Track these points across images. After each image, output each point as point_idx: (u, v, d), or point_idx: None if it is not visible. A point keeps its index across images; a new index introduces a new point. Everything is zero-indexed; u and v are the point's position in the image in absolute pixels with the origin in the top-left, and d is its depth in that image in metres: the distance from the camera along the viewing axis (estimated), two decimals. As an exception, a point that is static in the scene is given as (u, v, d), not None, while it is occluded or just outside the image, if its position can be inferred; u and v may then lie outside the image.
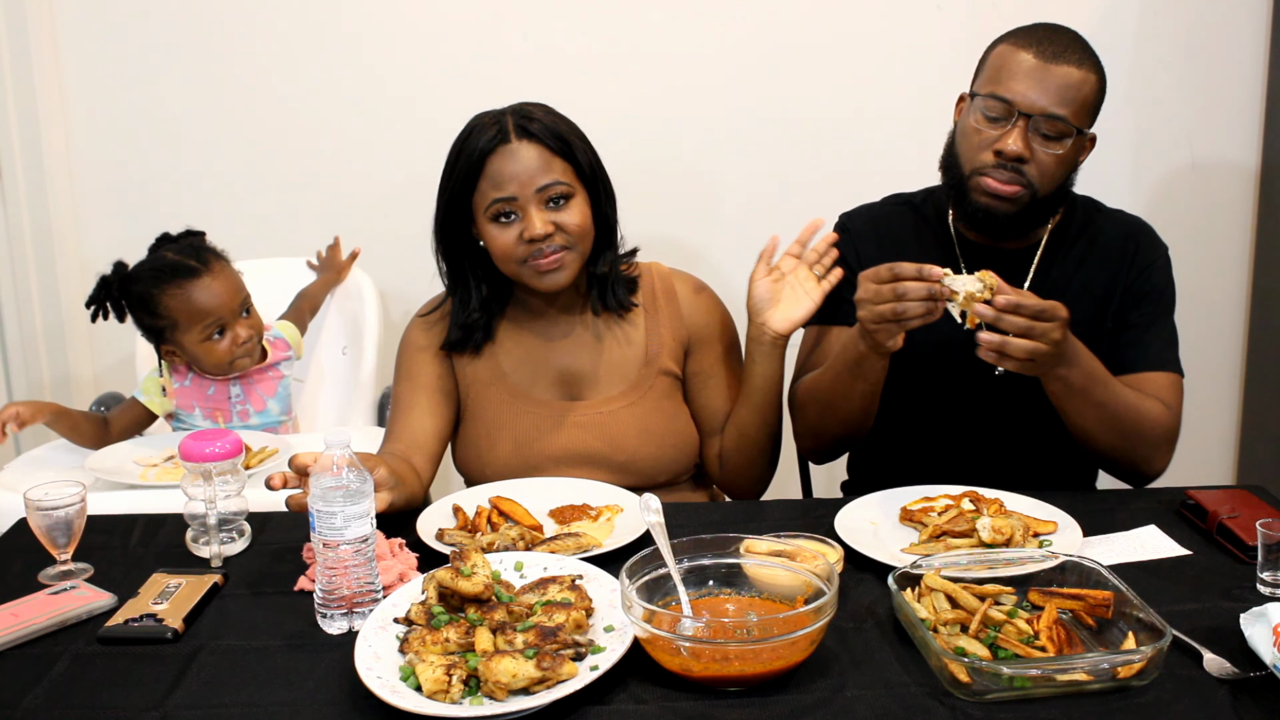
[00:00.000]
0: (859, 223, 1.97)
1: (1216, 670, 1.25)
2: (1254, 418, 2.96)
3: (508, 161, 1.74)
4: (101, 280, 2.24)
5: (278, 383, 2.37)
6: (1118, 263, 1.86)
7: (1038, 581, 1.39)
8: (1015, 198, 1.75)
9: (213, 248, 2.28)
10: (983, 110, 1.74)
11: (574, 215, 1.77)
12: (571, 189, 1.77)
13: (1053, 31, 1.75)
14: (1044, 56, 1.70)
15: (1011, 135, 1.71)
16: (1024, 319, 1.53)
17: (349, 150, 2.85)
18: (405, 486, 1.67)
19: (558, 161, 1.77)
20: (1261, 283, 2.90)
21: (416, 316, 1.95)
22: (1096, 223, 1.90)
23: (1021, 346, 1.54)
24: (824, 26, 2.79)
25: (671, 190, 2.86)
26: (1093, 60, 1.74)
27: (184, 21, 2.78)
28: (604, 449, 1.86)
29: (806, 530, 1.48)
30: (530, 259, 1.77)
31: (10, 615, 1.40)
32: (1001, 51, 1.76)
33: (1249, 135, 2.85)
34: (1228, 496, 1.64)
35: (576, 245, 1.79)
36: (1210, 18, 2.79)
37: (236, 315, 2.24)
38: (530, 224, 1.74)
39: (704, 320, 1.94)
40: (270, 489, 1.50)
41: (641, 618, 1.25)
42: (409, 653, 1.26)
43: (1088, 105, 1.73)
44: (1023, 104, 1.70)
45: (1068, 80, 1.70)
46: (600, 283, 1.89)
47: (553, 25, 2.77)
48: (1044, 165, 1.73)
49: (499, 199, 1.75)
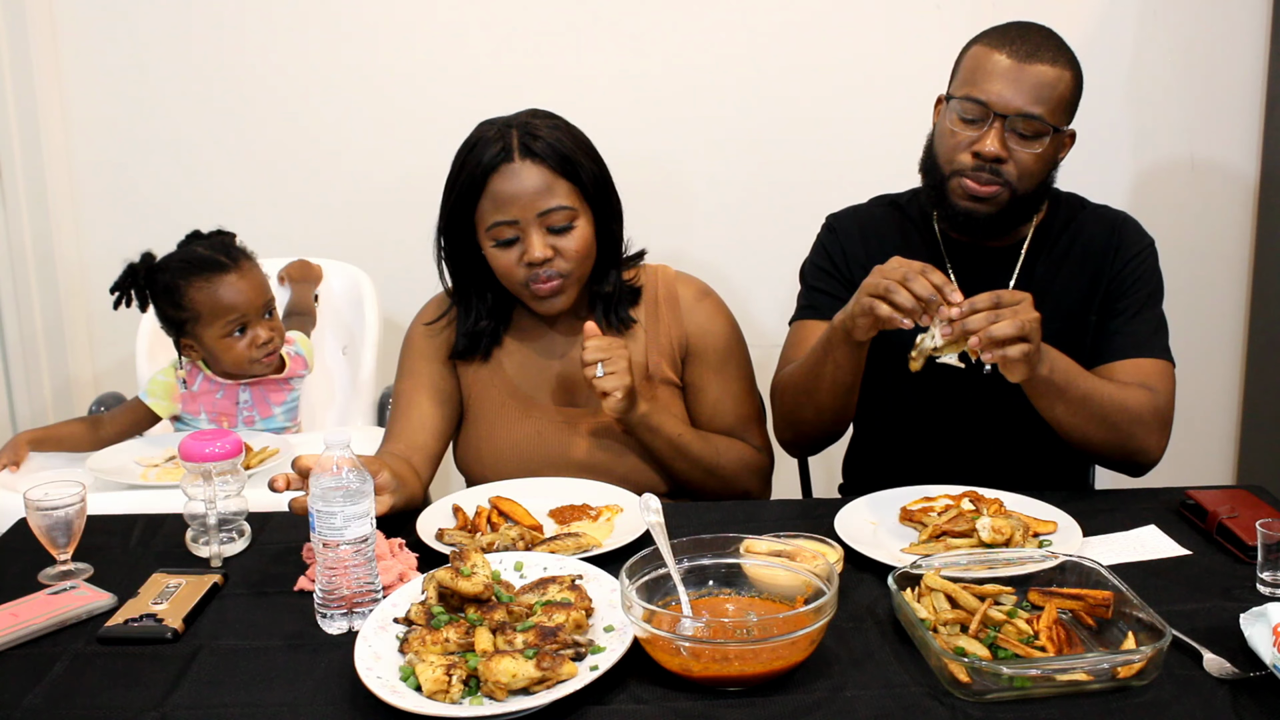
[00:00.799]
0: (846, 223, 1.98)
1: (1216, 670, 1.25)
2: (1254, 418, 2.96)
3: (510, 182, 1.72)
4: (129, 267, 2.24)
5: (288, 393, 2.38)
6: (1101, 256, 1.87)
7: (1038, 581, 1.38)
8: (994, 198, 1.76)
9: (243, 247, 2.29)
10: (959, 112, 1.75)
11: (574, 241, 1.75)
12: (574, 212, 1.75)
13: (1025, 30, 1.75)
14: (1017, 56, 1.71)
15: (989, 136, 1.72)
16: (985, 309, 1.53)
17: (349, 150, 2.85)
18: (406, 488, 1.67)
19: (561, 184, 1.74)
20: (1261, 282, 2.90)
21: (421, 322, 1.94)
22: (1080, 219, 1.90)
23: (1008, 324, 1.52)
24: (823, 27, 2.79)
25: (671, 191, 2.86)
26: (1067, 57, 1.74)
27: (184, 23, 2.78)
28: (604, 459, 1.86)
29: (806, 530, 1.48)
30: (530, 282, 1.76)
31: (10, 615, 1.40)
32: (975, 53, 1.76)
33: (1249, 135, 2.86)
34: (1228, 496, 1.64)
35: (575, 271, 1.77)
36: (1210, 18, 2.79)
37: (259, 316, 2.24)
38: (530, 248, 1.73)
39: (702, 329, 1.90)
40: (274, 491, 1.50)
41: (641, 618, 1.25)
42: (409, 653, 1.26)
43: (1064, 103, 1.74)
44: (998, 105, 1.71)
45: (1042, 79, 1.70)
46: (604, 301, 1.87)
47: (552, 26, 2.77)
48: (1022, 164, 1.74)
49: (500, 222, 1.73)
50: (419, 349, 1.92)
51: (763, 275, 2.83)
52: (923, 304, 1.55)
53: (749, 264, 2.87)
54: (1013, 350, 1.53)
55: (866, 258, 1.92)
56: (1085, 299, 1.86)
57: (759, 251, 2.88)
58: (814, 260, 1.99)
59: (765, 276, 2.82)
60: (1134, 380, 1.79)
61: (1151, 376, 1.80)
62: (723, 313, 1.94)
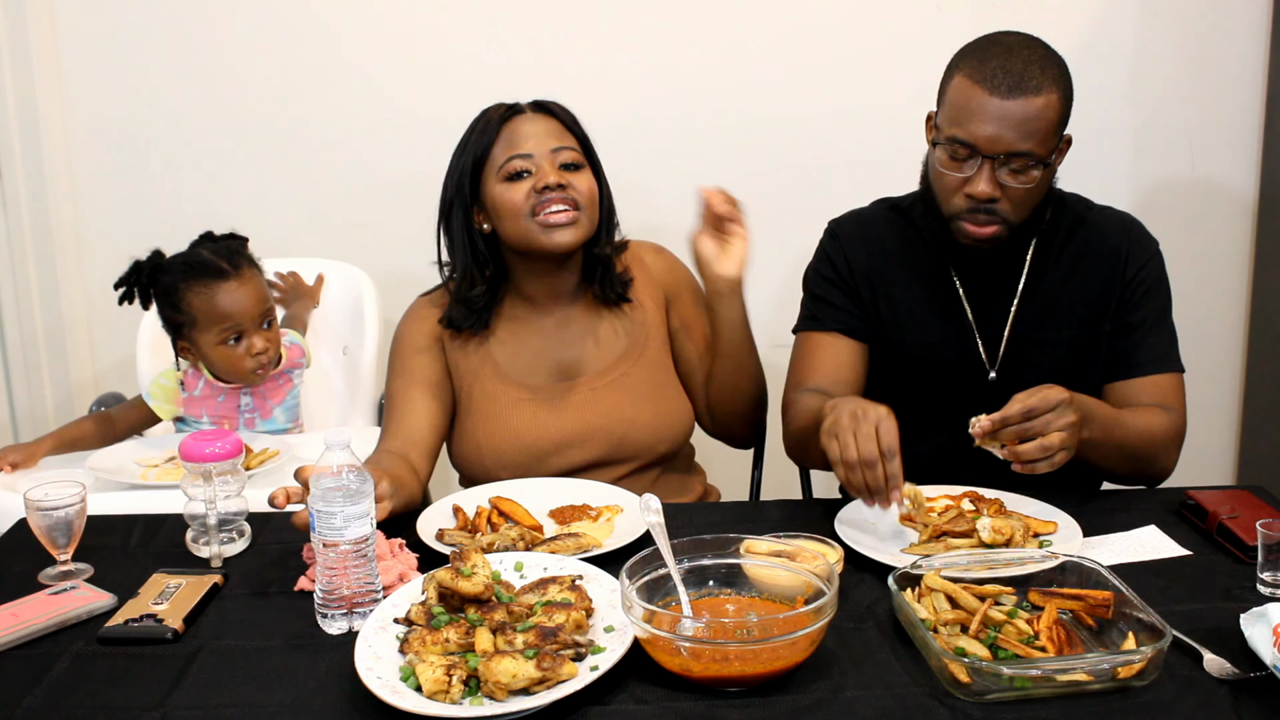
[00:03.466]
0: (848, 228, 1.97)
1: (1216, 670, 1.25)
2: (1254, 418, 2.96)
3: (524, 124, 1.84)
4: (135, 264, 2.25)
5: (287, 391, 2.37)
6: (1111, 264, 1.86)
7: (1038, 582, 1.39)
8: (995, 236, 1.74)
9: (249, 255, 2.28)
10: (948, 153, 1.71)
11: (585, 180, 1.85)
12: (582, 158, 1.85)
13: (1008, 57, 1.67)
14: (1000, 92, 1.65)
15: (980, 178, 1.69)
16: (1014, 427, 1.53)
17: (349, 151, 2.85)
18: (404, 490, 1.68)
19: (569, 135, 1.86)
20: (1261, 283, 2.90)
21: (410, 315, 1.97)
22: (1086, 223, 1.89)
23: (1036, 447, 1.52)
24: (822, 27, 2.78)
25: (669, 192, 2.85)
26: (1053, 75, 1.67)
27: (184, 23, 2.77)
28: (600, 423, 1.88)
29: (806, 530, 1.48)
30: (539, 211, 1.80)
31: (10, 615, 1.40)
32: (959, 86, 1.70)
33: (1249, 136, 2.85)
34: (1228, 496, 1.64)
35: (586, 208, 1.84)
36: (1210, 18, 2.78)
37: (256, 325, 2.24)
38: (544, 174, 1.80)
39: (670, 276, 2.02)
40: (274, 506, 1.50)
41: (641, 618, 1.25)
42: (409, 653, 1.26)
43: (1053, 127, 1.68)
44: (986, 147, 1.67)
45: (1028, 112, 1.65)
46: (601, 265, 1.92)
47: (551, 25, 2.77)
48: (1016, 199, 1.71)
49: (515, 155, 1.82)
50: (407, 343, 1.94)
51: (759, 274, 2.82)
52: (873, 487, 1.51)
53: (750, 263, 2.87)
54: (1042, 466, 1.54)
55: (869, 264, 1.92)
56: (1098, 308, 1.85)
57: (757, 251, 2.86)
58: (817, 267, 1.98)
59: (762, 276, 2.81)
60: (1154, 400, 1.81)
61: (1170, 394, 1.83)
62: (679, 259, 2.05)
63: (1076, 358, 1.86)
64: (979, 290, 1.88)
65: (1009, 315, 1.87)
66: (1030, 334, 1.86)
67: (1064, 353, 1.86)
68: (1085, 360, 1.86)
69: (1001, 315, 1.87)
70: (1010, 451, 1.55)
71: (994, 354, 1.88)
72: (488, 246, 1.89)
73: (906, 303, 1.90)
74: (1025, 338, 1.87)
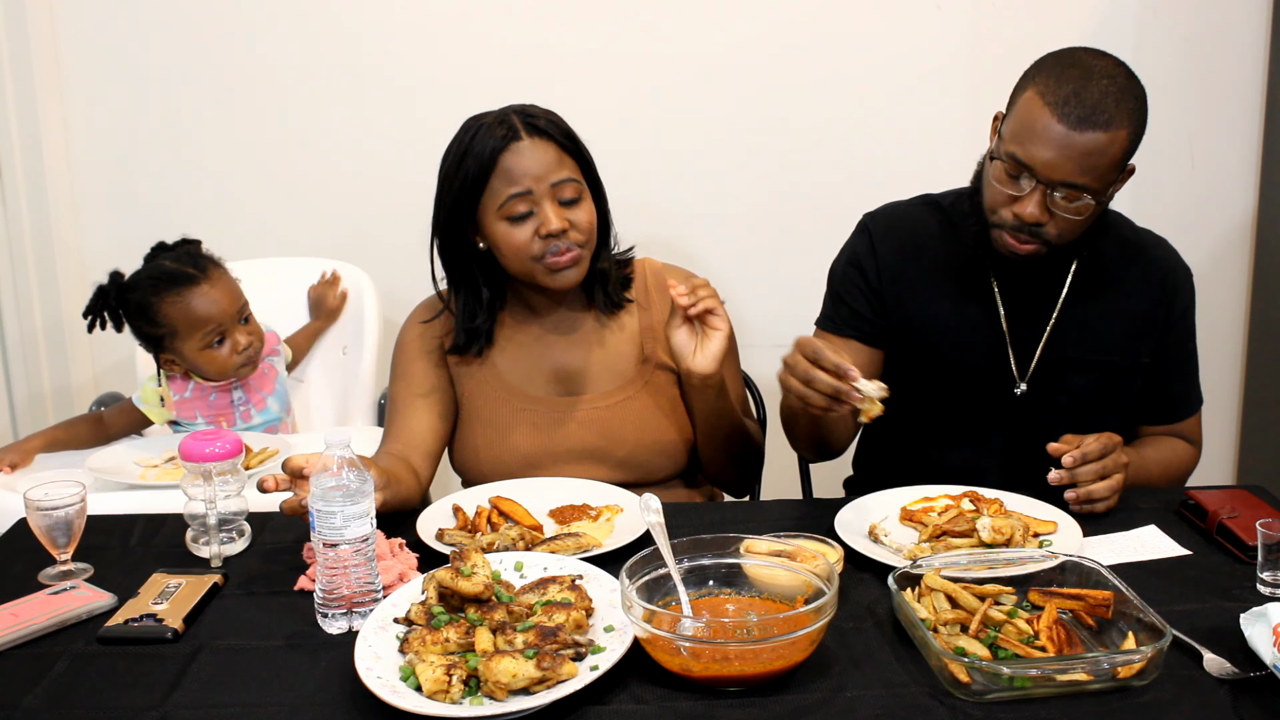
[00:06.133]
0: (882, 223, 1.91)
1: (1216, 670, 1.25)
2: (1254, 418, 2.96)
3: (521, 158, 1.75)
4: (99, 290, 2.22)
5: (274, 380, 2.38)
6: (1156, 297, 1.83)
7: (1038, 581, 1.39)
8: (1033, 255, 1.70)
9: (210, 255, 2.27)
10: (1005, 168, 1.66)
11: (585, 214, 1.79)
12: (581, 186, 1.79)
13: (1084, 82, 1.59)
14: (1068, 121, 1.57)
15: (1030, 200, 1.63)
16: (1095, 464, 1.61)
17: (349, 151, 2.85)
18: (400, 486, 1.67)
19: (567, 159, 1.79)
20: (1261, 283, 2.90)
21: (414, 322, 1.95)
22: (1132, 245, 1.85)
23: (1106, 487, 1.63)
24: (822, 26, 2.78)
25: (668, 192, 2.86)
26: (1128, 110, 1.60)
27: (183, 23, 2.77)
28: (603, 445, 1.86)
29: (806, 530, 1.48)
30: (546, 256, 1.77)
31: (10, 615, 1.40)
32: (1029, 103, 1.62)
33: (1249, 135, 2.85)
34: (1228, 496, 1.64)
35: (588, 244, 1.80)
36: (1210, 18, 2.79)
37: (236, 322, 2.24)
38: (546, 219, 1.75)
39: None
40: (263, 491, 1.50)
41: (641, 618, 1.25)
42: (409, 653, 1.26)
43: (1115, 163, 1.62)
44: (1042, 174, 1.61)
45: (1092, 147, 1.58)
46: (601, 279, 1.89)
47: (551, 25, 2.77)
48: (1064, 225, 1.66)
49: (515, 194, 1.75)
50: (411, 349, 1.93)
51: (764, 275, 2.83)
52: (833, 394, 1.52)
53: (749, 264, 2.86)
54: (1101, 507, 1.64)
55: (901, 264, 1.86)
56: (1138, 336, 1.83)
57: (759, 251, 2.87)
58: (843, 263, 1.93)
59: (766, 277, 2.82)
60: (1185, 433, 1.89)
61: (1194, 427, 1.91)
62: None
63: (1109, 382, 1.84)
64: (1017, 299, 1.83)
65: (1045, 329, 1.83)
66: (1066, 352, 1.83)
67: (1097, 375, 1.83)
68: (1119, 385, 1.84)
69: (1038, 328, 1.83)
70: (1086, 490, 1.61)
71: (1025, 367, 1.84)
72: (485, 259, 1.84)
73: (938, 304, 1.85)
74: (1060, 355, 1.83)
